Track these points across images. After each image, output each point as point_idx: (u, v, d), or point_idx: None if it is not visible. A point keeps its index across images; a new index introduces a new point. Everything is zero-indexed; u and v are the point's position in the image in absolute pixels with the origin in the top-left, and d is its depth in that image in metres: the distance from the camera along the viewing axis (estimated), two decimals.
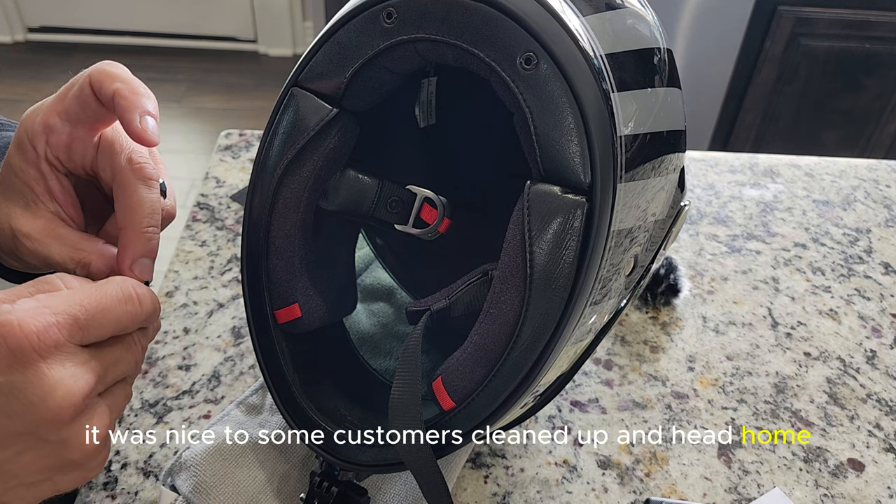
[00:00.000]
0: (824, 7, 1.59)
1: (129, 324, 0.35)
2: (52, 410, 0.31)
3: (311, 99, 0.42)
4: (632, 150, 0.37)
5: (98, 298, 0.34)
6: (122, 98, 0.39)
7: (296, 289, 0.44)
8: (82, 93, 0.39)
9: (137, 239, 0.39)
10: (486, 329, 0.38)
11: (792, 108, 1.75)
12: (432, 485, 0.39)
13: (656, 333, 0.65)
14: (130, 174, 0.40)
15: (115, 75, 0.39)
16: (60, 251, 0.40)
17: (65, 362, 0.32)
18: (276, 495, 0.48)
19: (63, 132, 0.40)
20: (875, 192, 0.86)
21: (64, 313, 0.32)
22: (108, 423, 0.34)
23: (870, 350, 0.65)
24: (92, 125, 0.41)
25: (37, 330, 0.31)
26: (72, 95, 0.40)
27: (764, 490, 0.53)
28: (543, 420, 0.57)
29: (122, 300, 0.35)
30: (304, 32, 2.79)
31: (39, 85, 2.56)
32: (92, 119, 0.40)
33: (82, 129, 0.41)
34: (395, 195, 0.48)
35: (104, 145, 0.41)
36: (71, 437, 0.33)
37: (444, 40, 0.37)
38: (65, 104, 0.40)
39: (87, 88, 0.39)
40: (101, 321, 0.34)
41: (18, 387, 0.31)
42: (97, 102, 0.40)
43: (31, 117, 0.41)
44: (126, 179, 0.39)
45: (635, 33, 0.39)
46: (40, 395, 0.31)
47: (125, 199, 0.39)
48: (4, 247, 0.42)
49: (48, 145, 0.40)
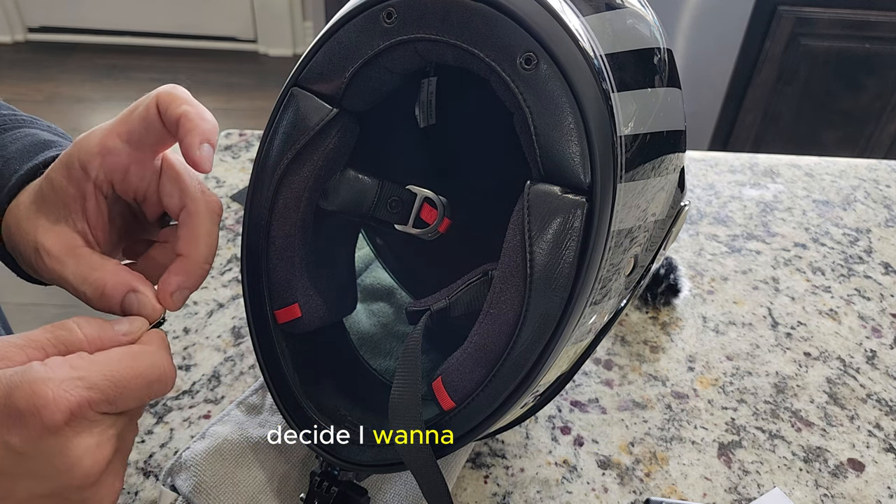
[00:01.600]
0: (824, 7, 1.59)
1: (152, 399, 0.36)
2: (79, 478, 0.33)
3: (311, 99, 0.42)
4: (632, 150, 0.37)
5: (130, 375, 0.34)
6: (188, 121, 0.39)
7: (296, 289, 0.44)
8: (148, 113, 0.39)
9: (195, 270, 0.40)
10: (486, 329, 0.38)
11: (792, 108, 1.75)
12: (432, 485, 0.39)
13: (656, 333, 0.65)
14: (203, 205, 0.40)
15: (181, 98, 0.39)
16: (75, 270, 0.39)
17: (92, 430, 0.33)
18: (276, 495, 0.48)
19: (123, 153, 0.40)
20: (875, 192, 0.86)
21: (97, 388, 0.33)
22: (122, 475, 0.36)
23: (870, 350, 0.65)
24: (153, 148, 0.41)
25: (70, 406, 0.32)
26: (137, 116, 0.40)
27: (764, 490, 0.53)
28: (543, 420, 0.57)
29: (152, 381, 0.35)
30: (304, 32, 2.79)
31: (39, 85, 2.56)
32: (154, 141, 0.40)
33: (143, 152, 0.41)
34: (395, 195, 0.48)
35: (171, 172, 0.41)
36: (92, 496, 0.34)
37: (444, 40, 0.37)
38: (129, 125, 0.40)
39: (154, 109, 0.39)
40: (129, 397, 0.34)
41: (47, 454, 0.32)
42: (161, 124, 0.40)
43: (88, 139, 0.40)
44: (198, 209, 0.40)
45: (635, 33, 0.39)
46: (68, 464, 0.32)
47: (193, 228, 0.40)
48: (26, 258, 0.42)
49: (102, 167, 0.40)
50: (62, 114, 2.43)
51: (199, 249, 0.40)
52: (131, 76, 2.65)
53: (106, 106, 2.50)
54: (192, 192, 0.40)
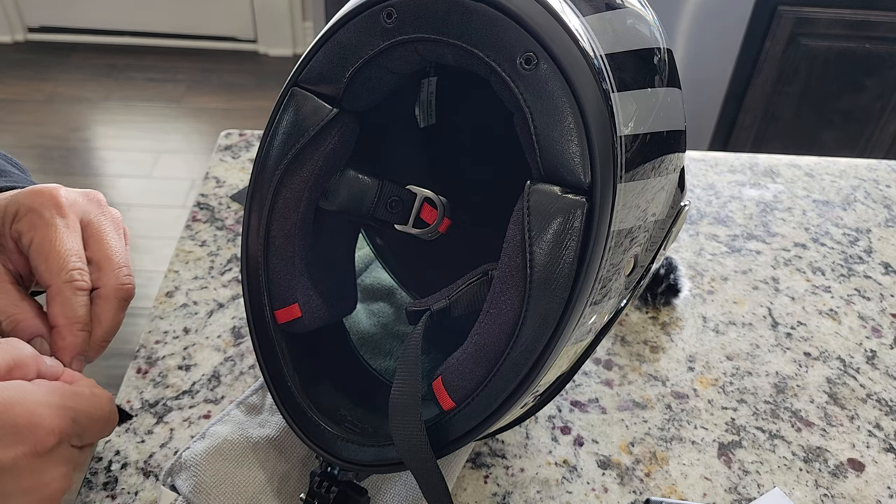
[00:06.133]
0: (824, 7, 1.59)
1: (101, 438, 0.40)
2: (44, 500, 0.35)
3: (311, 99, 0.42)
4: (632, 150, 0.37)
5: (98, 413, 0.38)
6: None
7: (296, 289, 0.44)
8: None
9: (94, 346, 0.42)
10: (486, 329, 0.38)
11: (792, 108, 1.75)
12: (432, 485, 0.39)
13: (656, 333, 0.65)
14: (113, 291, 0.42)
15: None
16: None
17: (64, 460, 0.35)
18: (276, 495, 0.48)
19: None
20: (875, 192, 0.86)
21: (77, 422, 0.36)
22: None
23: (870, 350, 0.65)
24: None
25: (62, 432, 0.35)
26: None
27: (764, 490, 0.53)
28: (543, 420, 0.57)
29: (110, 422, 0.39)
30: (304, 32, 2.79)
31: (39, 85, 2.56)
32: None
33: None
34: (395, 195, 0.48)
35: (43, 250, 0.42)
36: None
37: (444, 40, 0.37)
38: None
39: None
40: (94, 433, 0.38)
41: (27, 473, 0.33)
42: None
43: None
44: (108, 294, 0.42)
45: (635, 33, 0.39)
46: (39, 486, 0.34)
47: (99, 309, 0.42)
48: None
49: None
50: (62, 114, 2.43)
51: (100, 330, 0.42)
52: (131, 76, 2.65)
53: (106, 106, 2.50)
54: (106, 277, 0.42)
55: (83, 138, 2.35)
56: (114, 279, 0.42)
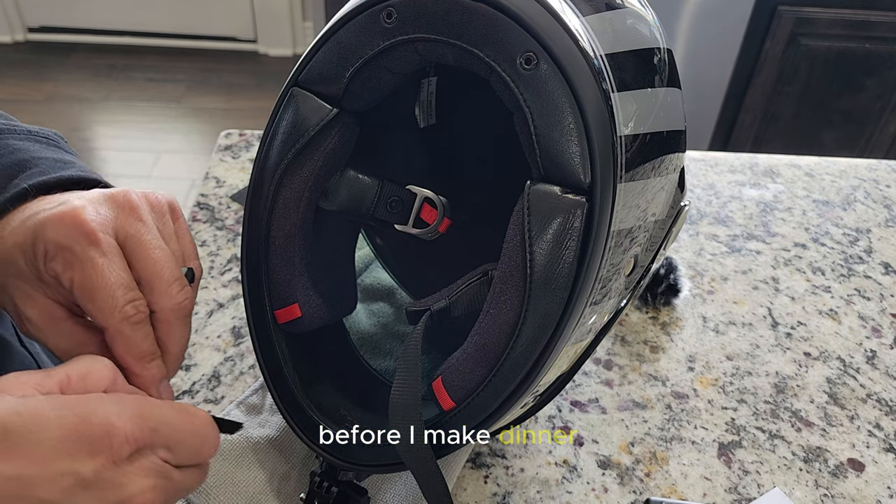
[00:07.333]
0: (824, 7, 1.59)
1: (203, 460, 0.37)
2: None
3: (311, 99, 0.42)
4: (632, 150, 0.37)
5: (187, 429, 0.36)
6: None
7: (296, 289, 0.44)
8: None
9: (171, 363, 0.41)
10: (486, 329, 0.38)
11: (792, 108, 1.75)
12: (432, 485, 0.39)
13: (656, 333, 0.65)
14: (171, 313, 0.40)
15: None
16: (57, 343, 0.39)
17: (150, 473, 0.33)
18: (276, 495, 0.48)
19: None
20: (875, 192, 0.86)
21: (158, 433, 0.34)
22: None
23: (870, 350, 0.65)
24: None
25: (138, 440, 0.33)
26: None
27: (764, 490, 0.53)
28: (543, 420, 0.57)
29: (205, 440, 0.37)
30: (304, 32, 2.79)
31: (39, 85, 2.56)
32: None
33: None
34: (395, 195, 0.48)
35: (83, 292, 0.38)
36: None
37: (444, 40, 0.37)
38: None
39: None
40: (186, 450, 0.36)
41: (109, 485, 0.32)
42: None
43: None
44: (167, 317, 0.40)
45: (635, 33, 0.39)
46: (122, 499, 0.32)
47: (164, 332, 0.40)
48: (14, 317, 0.41)
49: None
50: (62, 114, 2.43)
51: (170, 354, 0.40)
52: (131, 76, 2.65)
53: (106, 106, 2.50)
54: (160, 299, 0.39)
55: (83, 138, 2.35)
56: (168, 301, 0.39)
